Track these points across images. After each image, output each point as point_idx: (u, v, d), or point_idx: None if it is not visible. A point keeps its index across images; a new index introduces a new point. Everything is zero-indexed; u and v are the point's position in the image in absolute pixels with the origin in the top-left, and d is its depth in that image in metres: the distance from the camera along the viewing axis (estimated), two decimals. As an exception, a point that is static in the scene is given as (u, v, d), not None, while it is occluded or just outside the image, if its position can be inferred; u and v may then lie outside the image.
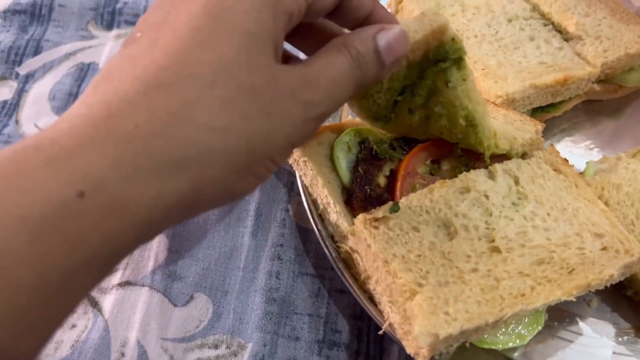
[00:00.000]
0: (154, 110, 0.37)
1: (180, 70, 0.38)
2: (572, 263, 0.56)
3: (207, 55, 0.39)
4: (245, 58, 0.40)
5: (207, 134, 0.38)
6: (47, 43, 0.85)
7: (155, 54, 0.39)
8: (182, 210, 0.38)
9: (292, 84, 0.42)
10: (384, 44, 0.48)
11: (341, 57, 0.46)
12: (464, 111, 0.56)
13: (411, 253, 0.56)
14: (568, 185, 0.62)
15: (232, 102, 0.39)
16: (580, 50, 0.73)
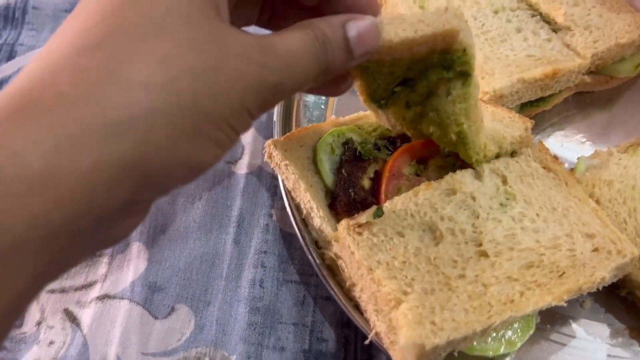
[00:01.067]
0: (78, 72, 0.33)
1: (107, 28, 0.34)
2: (563, 266, 0.54)
3: (135, 12, 0.35)
4: (181, 14, 0.36)
5: (144, 93, 0.33)
6: (21, 47, 0.82)
7: (81, 18, 0.35)
8: (133, 183, 0.33)
9: (244, 45, 0.38)
10: (354, 34, 0.45)
11: (303, 34, 0.42)
12: (457, 127, 0.54)
13: (396, 260, 0.54)
14: (558, 183, 0.60)
15: (172, 56, 0.34)
16: (569, 42, 0.70)
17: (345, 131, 0.66)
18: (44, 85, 0.32)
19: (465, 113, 0.54)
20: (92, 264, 0.65)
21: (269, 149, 0.64)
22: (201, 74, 0.35)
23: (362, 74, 0.55)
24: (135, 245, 0.65)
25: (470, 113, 0.54)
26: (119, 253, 0.65)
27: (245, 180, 0.71)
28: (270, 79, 0.39)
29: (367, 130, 0.68)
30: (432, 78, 0.52)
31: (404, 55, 0.50)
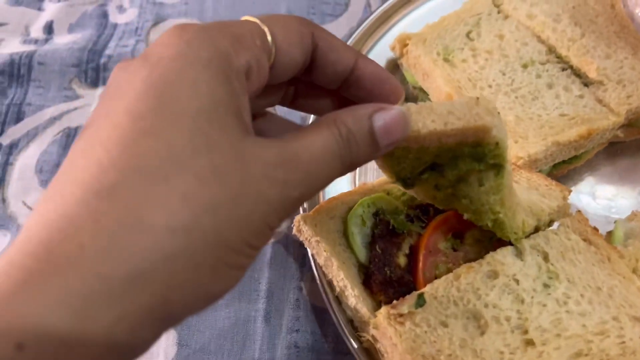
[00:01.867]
0: (98, 220, 0.32)
1: (124, 166, 0.33)
2: (613, 355, 0.52)
3: (154, 145, 0.33)
4: (202, 141, 0.34)
5: (167, 237, 0.32)
6: (29, 107, 0.79)
7: (95, 151, 0.33)
8: (155, 325, 0.33)
9: (266, 162, 0.37)
10: (380, 124, 0.43)
11: (327, 134, 0.41)
12: (493, 215, 0.52)
13: (441, 353, 0.52)
14: (600, 258, 0.58)
15: (192, 194, 0.33)
16: (602, 97, 0.68)
17: (375, 200, 0.64)
18: (64, 236, 0.32)
19: (500, 203, 0.52)
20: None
21: (297, 225, 0.62)
22: (223, 206, 0.35)
23: (385, 158, 0.53)
24: (164, 329, 0.63)
25: (505, 201, 0.52)
26: (147, 337, 0.63)
27: (272, 250, 0.68)
28: (293, 195, 0.38)
29: (396, 195, 0.66)
30: (463, 168, 0.50)
31: (432, 144, 0.48)
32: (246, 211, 0.36)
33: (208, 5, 0.88)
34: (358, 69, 0.47)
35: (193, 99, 0.35)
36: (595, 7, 0.75)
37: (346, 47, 0.47)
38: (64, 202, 0.32)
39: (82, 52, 0.83)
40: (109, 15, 0.88)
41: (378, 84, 0.48)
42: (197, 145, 0.34)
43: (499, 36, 0.73)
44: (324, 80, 0.48)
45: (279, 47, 0.42)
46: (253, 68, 0.39)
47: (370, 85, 0.48)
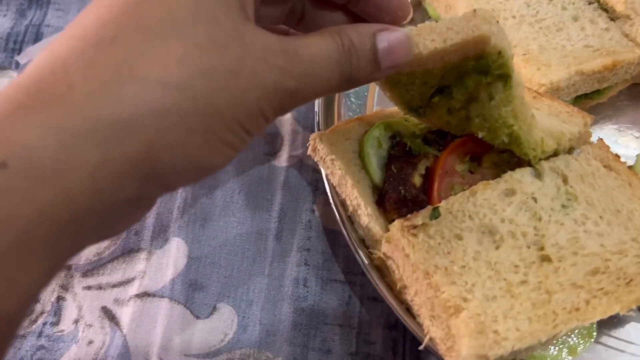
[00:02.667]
0: (92, 67, 0.32)
1: (126, 23, 0.33)
2: (630, 273, 0.51)
3: (157, 9, 0.34)
4: (204, 13, 0.35)
5: (159, 91, 0.33)
6: (47, 29, 0.79)
7: (100, 11, 0.34)
8: (140, 180, 0.33)
9: (266, 47, 0.37)
10: (384, 45, 0.43)
11: (330, 41, 0.40)
12: (508, 129, 0.51)
13: (455, 264, 0.52)
14: (621, 184, 0.57)
15: (190, 56, 0.34)
16: (628, 31, 0.67)
17: (392, 124, 0.63)
18: (55, 77, 0.32)
19: (512, 115, 0.51)
20: (130, 259, 0.62)
21: (313, 142, 0.61)
22: (219, 75, 0.34)
23: (392, 86, 0.52)
24: (175, 240, 0.63)
25: (519, 113, 0.51)
26: (157, 248, 0.63)
27: (286, 174, 0.68)
28: (289, 84, 0.38)
29: (414, 122, 0.65)
30: (470, 84, 0.49)
31: (436, 65, 0.48)
32: (241, 88, 0.35)
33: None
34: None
35: None
36: (626, -57, 0.73)
37: None
38: (62, 50, 0.33)
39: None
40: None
41: (388, 3, 0.48)
42: (200, 16, 0.34)
43: (525, -31, 0.72)
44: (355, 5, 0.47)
45: None
46: None
47: (379, 4, 0.47)
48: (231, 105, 0.35)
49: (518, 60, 0.64)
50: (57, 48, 0.33)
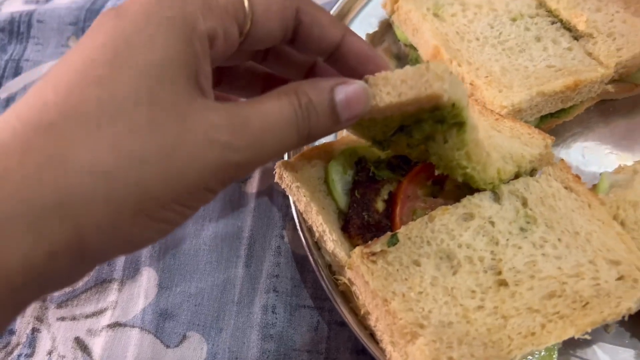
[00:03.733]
0: (28, 151, 0.34)
1: (65, 109, 0.35)
2: (586, 296, 0.51)
3: (98, 92, 0.35)
4: (146, 93, 0.36)
5: (86, 179, 0.34)
6: (27, 63, 0.81)
7: (46, 92, 0.35)
8: (71, 257, 0.35)
9: (210, 123, 0.38)
10: (341, 98, 0.44)
11: (286, 102, 0.41)
12: (462, 170, 0.52)
13: (412, 290, 0.52)
14: (580, 205, 0.57)
15: (121, 143, 0.35)
16: (591, 50, 0.67)
17: (357, 149, 0.64)
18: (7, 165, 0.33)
19: (466, 157, 0.52)
20: (102, 289, 0.64)
21: (279, 171, 0.62)
22: (152, 159, 0.36)
23: (354, 127, 0.53)
24: (146, 270, 0.64)
25: (472, 155, 0.53)
26: (128, 279, 0.64)
27: (256, 201, 0.69)
28: (234, 159, 0.39)
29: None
30: (427, 129, 0.50)
31: (394, 113, 0.48)
32: (178, 169, 0.37)
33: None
34: (344, 46, 0.47)
35: (146, 54, 0.37)
36: (589, -38, 0.74)
37: (333, 23, 0.47)
38: (2, 131, 0.34)
39: (80, 11, 0.84)
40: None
41: (363, 62, 0.48)
42: (140, 97, 0.36)
43: (489, -9, 0.73)
44: (307, 54, 0.49)
45: (256, 19, 0.42)
46: (219, 35, 0.40)
47: (355, 62, 0.48)
48: (166, 187, 0.36)
49: (480, 83, 0.65)
50: (3, 124, 0.35)
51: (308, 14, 0.45)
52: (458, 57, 0.67)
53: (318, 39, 0.46)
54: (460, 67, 0.67)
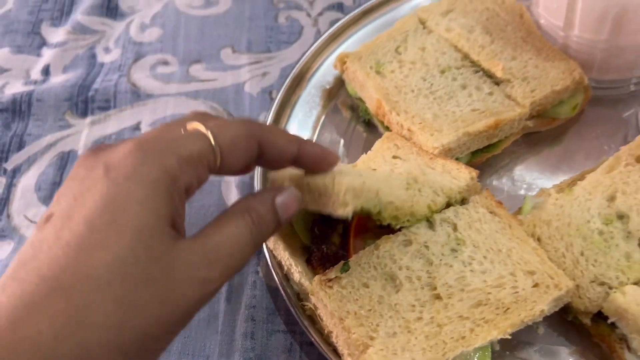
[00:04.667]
0: (54, 315, 0.41)
1: (78, 272, 0.43)
2: (507, 302, 0.61)
3: (103, 255, 0.43)
4: (142, 251, 0.44)
5: (103, 333, 0.42)
6: (29, 137, 0.93)
7: (58, 252, 0.43)
8: None
9: (189, 263, 0.47)
10: (280, 202, 0.55)
11: (242, 224, 0.51)
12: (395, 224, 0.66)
13: (362, 308, 0.62)
14: (503, 226, 0.68)
15: (128, 298, 0.43)
16: (510, 93, 0.79)
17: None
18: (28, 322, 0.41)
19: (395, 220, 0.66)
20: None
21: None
22: (149, 308, 0.44)
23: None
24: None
25: (400, 218, 0.66)
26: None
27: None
28: (211, 288, 0.49)
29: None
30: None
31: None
32: (169, 310, 0.46)
33: (179, 42, 1.02)
34: (301, 155, 0.58)
35: (139, 216, 0.45)
36: (506, 17, 0.87)
37: (290, 141, 0.57)
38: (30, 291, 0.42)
39: (73, 88, 0.96)
40: (97, 56, 1.02)
41: (319, 163, 0.60)
42: (138, 256, 0.44)
43: (421, 49, 0.85)
44: (270, 167, 0.60)
45: (224, 158, 0.51)
46: (194, 185, 0.50)
47: (312, 164, 0.60)
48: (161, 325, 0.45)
49: (416, 129, 0.76)
50: (27, 287, 0.42)
51: (268, 142, 0.55)
52: (397, 108, 0.79)
53: (279, 157, 0.56)
54: (398, 116, 0.78)
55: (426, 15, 0.89)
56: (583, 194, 0.69)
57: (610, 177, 0.70)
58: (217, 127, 0.51)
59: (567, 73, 0.80)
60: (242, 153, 0.53)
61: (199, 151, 0.49)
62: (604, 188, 0.69)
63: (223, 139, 0.51)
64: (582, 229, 0.66)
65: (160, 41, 1.02)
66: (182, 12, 1.06)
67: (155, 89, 0.96)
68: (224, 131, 0.51)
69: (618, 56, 0.80)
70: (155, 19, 1.06)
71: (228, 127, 0.52)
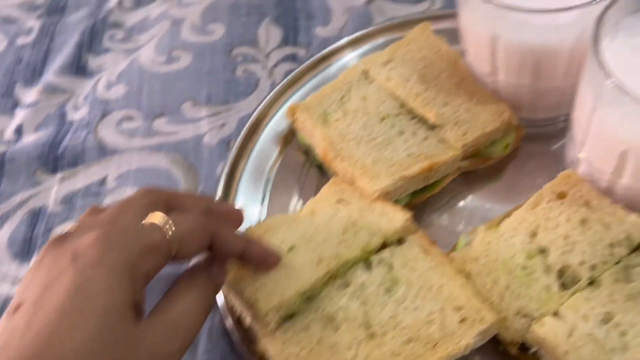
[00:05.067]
0: None
1: (50, 357, 0.46)
2: (436, 337, 0.66)
3: (72, 339, 0.47)
4: (109, 334, 0.48)
5: None
6: (2, 196, 0.98)
7: (30, 339, 0.46)
8: None
9: (150, 341, 0.52)
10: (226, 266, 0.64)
11: (195, 295, 0.59)
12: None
13: (303, 350, 0.67)
14: (434, 264, 0.73)
15: None
16: (443, 137, 0.85)
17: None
18: None
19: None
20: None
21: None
22: None
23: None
24: None
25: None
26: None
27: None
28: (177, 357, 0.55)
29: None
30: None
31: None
32: None
33: (143, 98, 1.08)
34: (245, 254, 0.66)
35: (106, 301, 0.49)
36: (441, 65, 0.93)
37: (237, 240, 0.66)
38: None
39: (44, 146, 1.02)
40: (67, 114, 1.08)
41: (262, 261, 0.69)
42: (104, 339, 0.48)
43: (363, 98, 0.91)
44: (218, 257, 0.66)
45: (180, 248, 0.58)
46: (153, 271, 0.56)
47: (256, 260, 0.68)
48: None
49: (358, 174, 0.82)
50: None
51: (219, 238, 0.62)
52: (341, 155, 0.85)
53: (226, 252, 0.64)
54: (342, 162, 0.84)
55: (369, 65, 0.96)
56: (508, 231, 0.74)
57: (533, 214, 0.75)
58: (176, 220, 0.58)
59: (497, 115, 0.85)
60: (196, 245, 0.61)
61: (159, 242, 0.56)
62: (527, 224, 0.74)
63: (180, 232, 0.58)
64: (507, 264, 0.72)
65: (125, 97, 1.09)
66: (146, 69, 1.12)
67: (120, 144, 1.02)
68: (181, 224, 0.58)
69: (543, 97, 0.86)
70: (121, 77, 1.12)
71: (184, 220, 0.59)
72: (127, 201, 0.61)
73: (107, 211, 0.60)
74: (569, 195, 0.75)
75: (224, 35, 1.16)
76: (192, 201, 0.66)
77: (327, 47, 1.07)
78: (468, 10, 0.82)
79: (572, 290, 0.68)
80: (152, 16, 1.22)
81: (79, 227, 0.57)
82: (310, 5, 1.19)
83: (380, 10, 1.16)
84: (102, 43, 1.19)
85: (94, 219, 0.59)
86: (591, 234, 0.71)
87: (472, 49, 0.88)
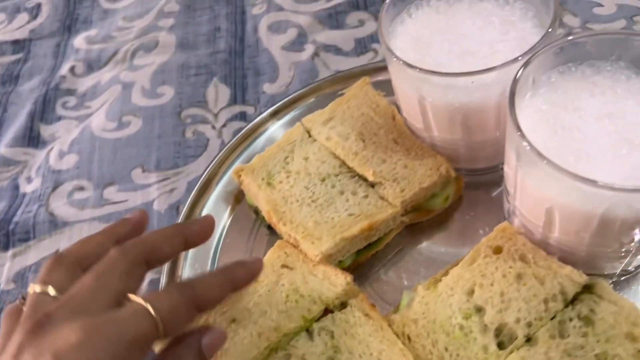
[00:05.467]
0: None
1: None
2: (374, 405, 0.67)
3: None
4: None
5: None
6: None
7: None
8: None
9: None
10: (206, 344, 0.62)
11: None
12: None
13: None
14: (375, 329, 0.74)
15: None
16: (383, 194, 0.86)
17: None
18: None
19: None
20: None
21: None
22: None
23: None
24: None
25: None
26: None
27: None
28: None
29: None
30: None
31: None
32: None
33: (94, 166, 1.09)
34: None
35: None
36: (379, 121, 0.95)
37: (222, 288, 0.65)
38: None
39: (-6, 220, 1.03)
40: (19, 187, 1.09)
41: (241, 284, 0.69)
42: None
43: (305, 158, 0.93)
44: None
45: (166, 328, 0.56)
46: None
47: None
48: None
49: (300, 237, 0.83)
50: None
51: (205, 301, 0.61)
52: (284, 218, 0.86)
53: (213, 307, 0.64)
54: (285, 226, 0.85)
55: (310, 124, 0.97)
56: (446, 290, 0.75)
57: (470, 271, 0.76)
58: (156, 300, 0.56)
59: (435, 169, 0.87)
60: (183, 320, 0.59)
61: (144, 332, 0.55)
62: (463, 282, 0.75)
63: (164, 313, 0.56)
64: (445, 325, 0.72)
65: (77, 167, 1.10)
66: (97, 136, 1.13)
67: (70, 216, 1.02)
68: (162, 304, 0.56)
69: (479, 150, 0.88)
70: (73, 145, 1.13)
71: (165, 298, 0.57)
72: (103, 268, 0.57)
73: (82, 284, 0.56)
74: (505, 250, 0.76)
75: (174, 97, 1.18)
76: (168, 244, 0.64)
77: (275, 104, 1.09)
78: (395, 72, 0.84)
79: (509, 350, 0.69)
80: (103, 81, 1.24)
81: (55, 312, 0.53)
82: (258, 62, 1.21)
83: (324, 63, 1.18)
84: (55, 111, 1.21)
85: (71, 297, 0.55)
86: (526, 289, 0.72)
87: (404, 107, 0.90)
